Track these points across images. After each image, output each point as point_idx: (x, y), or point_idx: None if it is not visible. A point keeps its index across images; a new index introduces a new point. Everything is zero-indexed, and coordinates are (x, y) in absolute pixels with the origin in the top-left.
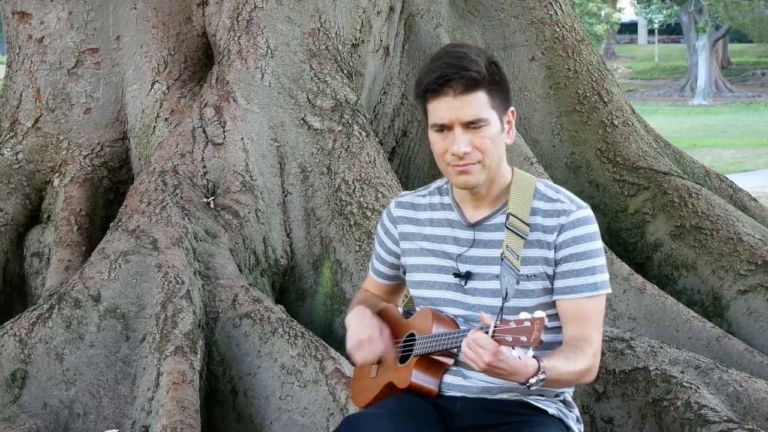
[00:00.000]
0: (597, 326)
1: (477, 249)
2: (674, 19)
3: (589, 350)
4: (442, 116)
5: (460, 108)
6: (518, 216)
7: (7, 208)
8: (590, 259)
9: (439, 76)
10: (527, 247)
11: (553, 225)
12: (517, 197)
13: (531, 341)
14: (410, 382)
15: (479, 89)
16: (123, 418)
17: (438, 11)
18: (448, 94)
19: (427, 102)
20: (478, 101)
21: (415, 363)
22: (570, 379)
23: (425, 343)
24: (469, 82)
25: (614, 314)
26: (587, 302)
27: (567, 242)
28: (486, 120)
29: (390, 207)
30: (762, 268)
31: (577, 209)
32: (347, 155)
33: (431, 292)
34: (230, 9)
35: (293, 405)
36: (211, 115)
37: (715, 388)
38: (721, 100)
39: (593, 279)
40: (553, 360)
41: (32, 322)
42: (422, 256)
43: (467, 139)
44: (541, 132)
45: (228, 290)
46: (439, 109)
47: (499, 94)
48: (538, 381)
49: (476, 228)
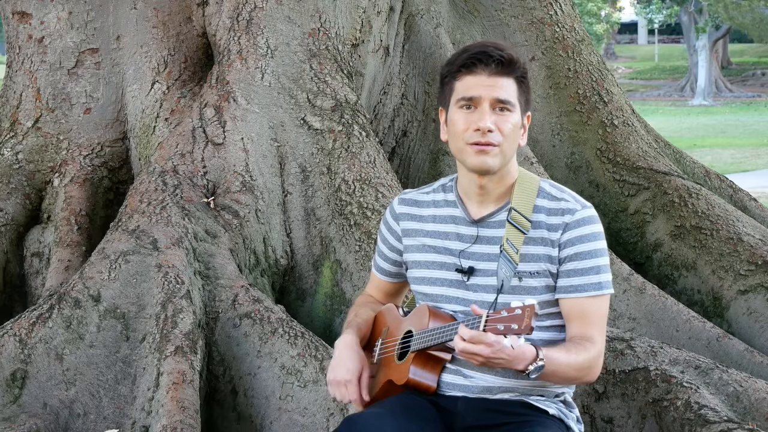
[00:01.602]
0: (600, 326)
1: (480, 245)
2: (674, 19)
3: (591, 348)
4: (474, 90)
5: (492, 86)
6: (520, 211)
7: (7, 208)
8: (594, 259)
9: (479, 51)
10: (530, 243)
11: (558, 223)
12: (520, 194)
13: (522, 328)
14: (408, 378)
15: (512, 76)
16: (123, 418)
17: (438, 11)
18: (483, 72)
19: (457, 78)
20: (509, 86)
21: (412, 359)
22: (570, 374)
23: (421, 339)
24: (506, 65)
25: (614, 314)
26: (591, 301)
27: (572, 241)
28: (514, 105)
29: (393, 204)
30: (762, 268)
31: (582, 208)
32: (347, 155)
33: (433, 288)
34: (230, 9)
35: (293, 405)
36: (211, 115)
37: (715, 388)
38: (721, 100)
39: (597, 278)
40: (553, 351)
41: (32, 322)
42: (424, 253)
43: (493, 118)
44: (541, 132)
45: (228, 290)
46: (471, 84)
47: (525, 92)
48: (537, 368)
49: (480, 224)
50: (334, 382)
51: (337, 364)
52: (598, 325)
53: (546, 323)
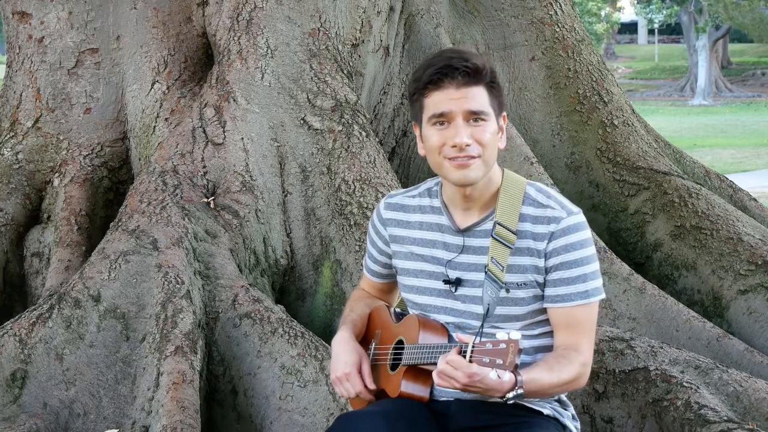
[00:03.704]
0: (588, 334)
1: (466, 255)
2: (674, 19)
3: (577, 359)
4: (444, 106)
5: (462, 99)
6: (505, 225)
7: (7, 208)
8: (581, 267)
9: (443, 65)
10: (516, 255)
11: (543, 233)
12: (505, 203)
13: (506, 365)
14: (400, 391)
15: (480, 84)
16: (123, 418)
17: (438, 11)
18: (450, 86)
19: (426, 95)
20: (480, 95)
21: (404, 373)
22: (554, 390)
23: (411, 354)
24: (473, 75)
25: (614, 314)
26: (578, 310)
27: (557, 250)
28: (488, 114)
29: (380, 208)
30: (762, 268)
31: (567, 216)
32: (347, 155)
33: (422, 297)
34: (230, 9)
35: (293, 405)
36: (211, 115)
37: (715, 388)
38: (721, 100)
39: (584, 287)
40: (534, 372)
41: (32, 322)
42: (412, 261)
43: (468, 131)
44: (541, 132)
45: (228, 290)
46: (440, 100)
47: (497, 95)
48: (516, 396)
49: (465, 234)
50: (336, 379)
51: (336, 361)
52: (586, 334)
53: (536, 331)
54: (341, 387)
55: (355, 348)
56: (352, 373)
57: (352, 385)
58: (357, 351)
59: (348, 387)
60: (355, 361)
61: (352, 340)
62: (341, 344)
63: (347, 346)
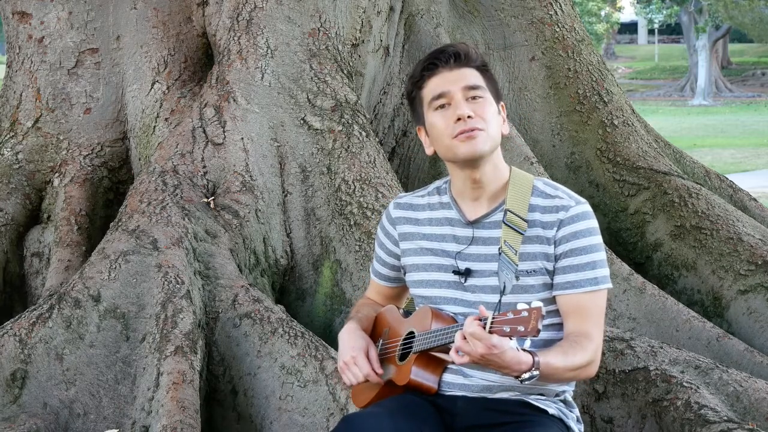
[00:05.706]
0: (598, 321)
1: (476, 246)
2: (674, 19)
3: (589, 346)
4: (441, 87)
5: (458, 77)
6: (516, 212)
7: (7, 208)
8: (590, 254)
9: (434, 52)
10: (526, 242)
11: (552, 220)
12: (514, 194)
13: (529, 330)
14: (409, 379)
15: (472, 65)
16: (123, 418)
17: (438, 11)
18: (444, 69)
19: (422, 86)
20: (474, 74)
21: (414, 360)
22: (567, 375)
23: (423, 340)
24: (464, 57)
25: (614, 314)
26: (588, 297)
27: (567, 237)
28: (484, 90)
29: (389, 208)
30: (762, 268)
31: (576, 204)
32: (347, 155)
33: (431, 290)
34: (230, 9)
35: (293, 405)
36: (211, 115)
37: (715, 388)
38: (721, 100)
39: (593, 274)
40: (549, 355)
41: (32, 322)
42: (422, 255)
43: (469, 107)
44: (541, 132)
45: (228, 290)
46: (436, 83)
47: (491, 82)
48: (531, 377)
49: (475, 225)
50: (343, 364)
51: (343, 348)
52: (596, 321)
53: (545, 322)
54: (348, 372)
55: (362, 335)
56: (359, 357)
57: (360, 368)
58: (364, 338)
59: (356, 371)
60: (362, 346)
61: (359, 330)
62: (348, 334)
63: (354, 335)
